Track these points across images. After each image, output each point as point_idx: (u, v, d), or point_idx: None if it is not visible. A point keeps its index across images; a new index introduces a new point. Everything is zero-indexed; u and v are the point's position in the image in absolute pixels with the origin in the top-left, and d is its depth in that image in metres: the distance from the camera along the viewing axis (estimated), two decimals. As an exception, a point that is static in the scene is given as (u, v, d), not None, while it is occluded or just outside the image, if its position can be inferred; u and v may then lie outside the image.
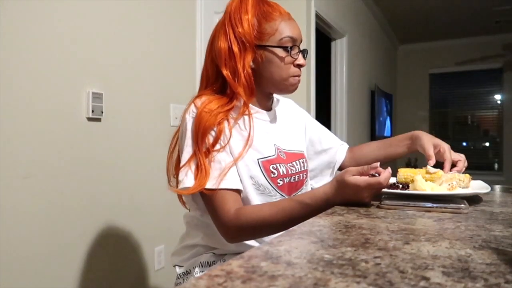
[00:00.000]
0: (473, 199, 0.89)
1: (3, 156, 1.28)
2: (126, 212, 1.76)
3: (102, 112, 1.61)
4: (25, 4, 1.34)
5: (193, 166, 0.86)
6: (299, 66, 0.96)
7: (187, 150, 0.87)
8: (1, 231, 1.27)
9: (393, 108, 5.76)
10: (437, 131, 6.38)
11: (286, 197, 0.96)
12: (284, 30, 0.93)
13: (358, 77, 4.26)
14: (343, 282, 0.37)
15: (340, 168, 1.18)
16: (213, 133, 0.88)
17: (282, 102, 1.13)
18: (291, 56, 0.94)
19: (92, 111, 1.56)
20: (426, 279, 0.38)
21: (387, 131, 5.36)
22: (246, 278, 0.38)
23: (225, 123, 0.89)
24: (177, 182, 0.90)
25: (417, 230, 0.60)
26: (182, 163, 0.87)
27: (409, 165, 6.21)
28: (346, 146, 1.20)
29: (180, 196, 1.01)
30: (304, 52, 0.98)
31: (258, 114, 0.98)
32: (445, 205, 0.76)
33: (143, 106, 1.85)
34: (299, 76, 0.97)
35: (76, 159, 1.53)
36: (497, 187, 1.16)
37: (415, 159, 6.11)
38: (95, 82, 1.60)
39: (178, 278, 1.03)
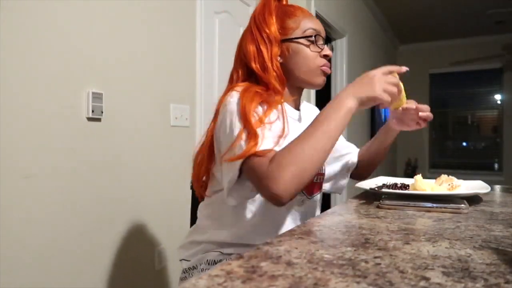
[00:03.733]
0: (473, 199, 0.89)
1: (3, 156, 1.28)
2: (126, 212, 1.76)
3: (102, 112, 1.61)
4: (25, 4, 1.34)
5: (242, 139, 0.82)
6: (326, 56, 0.98)
7: (236, 127, 0.83)
8: (1, 231, 1.27)
9: (393, 108, 5.75)
10: (437, 131, 6.39)
11: (304, 194, 0.97)
12: (307, 24, 0.98)
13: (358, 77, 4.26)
14: (343, 282, 0.37)
15: (353, 172, 1.21)
16: (258, 110, 0.86)
17: (308, 105, 1.17)
18: (317, 46, 0.97)
19: (92, 111, 1.56)
20: (426, 279, 0.38)
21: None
22: (246, 278, 0.38)
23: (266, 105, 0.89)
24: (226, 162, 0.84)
25: (417, 230, 0.60)
26: (229, 143, 0.83)
27: (409, 164, 6.22)
28: (357, 149, 1.24)
29: (199, 182, 0.99)
30: (330, 45, 1.00)
31: (288, 110, 0.99)
32: (445, 205, 0.76)
33: (143, 106, 1.85)
34: (327, 66, 0.99)
35: (76, 159, 1.53)
36: (497, 187, 1.16)
37: (415, 159, 6.12)
38: (95, 82, 1.60)
39: (184, 273, 1.02)
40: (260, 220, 0.94)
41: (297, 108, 1.05)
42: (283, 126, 0.88)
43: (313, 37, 0.97)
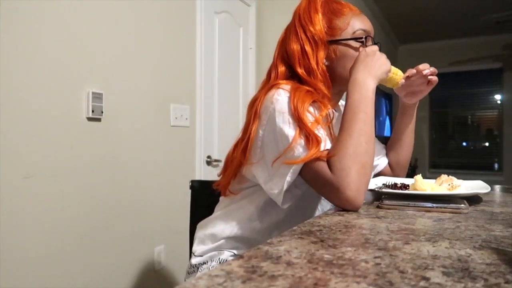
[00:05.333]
0: (473, 199, 0.89)
1: (3, 156, 1.28)
2: (126, 212, 1.76)
3: (102, 112, 1.61)
4: (25, 4, 1.34)
5: (302, 140, 0.79)
6: None
7: (291, 129, 0.80)
8: (1, 231, 1.27)
9: (392, 108, 5.76)
10: (437, 131, 6.39)
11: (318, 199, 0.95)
12: (356, 24, 0.93)
13: (358, 77, 4.25)
14: (343, 282, 0.37)
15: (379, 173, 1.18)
16: (310, 110, 0.83)
17: (342, 105, 1.13)
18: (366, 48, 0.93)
19: (92, 111, 1.56)
20: (426, 279, 0.38)
21: (386, 131, 5.37)
22: (246, 278, 0.38)
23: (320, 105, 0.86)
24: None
25: (417, 230, 0.60)
26: (283, 145, 0.80)
27: (409, 164, 6.20)
28: (384, 154, 1.20)
29: (228, 181, 0.95)
30: (379, 45, 0.97)
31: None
32: (445, 205, 0.76)
33: (143, 106, 1.85)
34: None
35: (76, 159, 1.53)
36: (497, 187, 1.16)
37: (415, 159, 6.12)
38: (95, 82, 1.60)
39: (193, 267, 1.00)
40: (285, 217, 0.93)
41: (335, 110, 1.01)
42: (330, 131, 0.87)
43: (363, 39, 0.92)
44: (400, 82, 1.00)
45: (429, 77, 1.02)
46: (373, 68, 0.87)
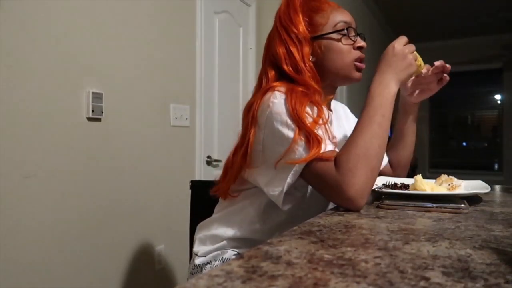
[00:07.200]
0: (473, 199, 0.89)
1: (3, 156, 1.28)
2: (126, 212, 1.76)
3: (102, 112, 1.61)
4: (24, 4, 1.34)
5: (302, 141, 0.79)
6: (360, 48, 0.96)
7: (291, 129, 0.80)
8: (1, 231, 1.27)
9: (393, 108, 5.76)
10: (437, 131, 6.39)
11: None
12: (336, 17, 0.94)
13: (358, 77, 4.26)
14: (343, 282, 0.37)
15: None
16: (308, 111, 0.83)
17: (338, 105, 1.14)
18: (349, 38, 0.94)
19: (92, 111, 1.56)
20: (426, 279, 0.38)
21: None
22: (246, 278, 0.38)
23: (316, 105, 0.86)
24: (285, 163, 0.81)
25: (417, 230, 0.60)
26: (283, 146, 0.80)
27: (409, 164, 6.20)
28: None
29: (228, 186, 0.95)
30: (362, 36, 0.97)
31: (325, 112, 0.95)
32: (445, 205, 0.76)
33: (143, 106, 1.85)
34: (361, 61, 0.96)
35: (76, 159, 1.53)
36: (497, 187, 1.16)
37: (415, 159, 6.12)
38: (95, 82, 1.60)
39: (196, 268, 1.00)
40: (286, 218, 0.92)
41: (329, 109, 1.01)
42: (327, 131, 0.85)
43: (344, 30, 0.93)
44: (421, 74, 1.00)
45: (444, 75, 1.02)
46: (398, 70, 0.86)
